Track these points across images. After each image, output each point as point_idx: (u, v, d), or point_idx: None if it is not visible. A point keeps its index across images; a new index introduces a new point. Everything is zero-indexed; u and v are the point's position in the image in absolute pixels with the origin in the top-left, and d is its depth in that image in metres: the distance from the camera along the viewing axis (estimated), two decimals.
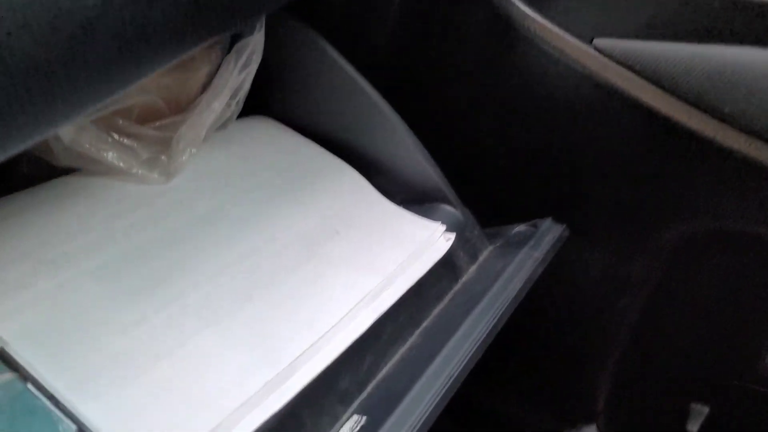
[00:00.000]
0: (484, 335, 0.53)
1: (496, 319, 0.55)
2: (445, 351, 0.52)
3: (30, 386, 0.37)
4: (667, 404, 0.84)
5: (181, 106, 0.57)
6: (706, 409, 0.82)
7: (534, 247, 0.60)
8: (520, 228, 0.65)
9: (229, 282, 0.49)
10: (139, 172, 0.53)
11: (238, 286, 0.49)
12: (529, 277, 0.57)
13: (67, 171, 0.55)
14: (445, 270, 0.59)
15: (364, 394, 0.50)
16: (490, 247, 0.63)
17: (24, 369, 0.37)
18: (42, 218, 0.49)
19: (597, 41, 0.61)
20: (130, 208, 0.52)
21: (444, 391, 0.49)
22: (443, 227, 0.59)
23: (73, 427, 0.37)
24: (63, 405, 0.37)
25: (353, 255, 0.55)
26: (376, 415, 0.48)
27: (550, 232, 0.62)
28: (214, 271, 0.50)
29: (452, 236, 0.58)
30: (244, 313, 0.48)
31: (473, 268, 0.61)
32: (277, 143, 0.64)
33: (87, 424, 0.37)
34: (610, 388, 0.85)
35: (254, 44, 0.58)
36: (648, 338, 0.78)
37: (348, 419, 0.48)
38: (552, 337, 0.81)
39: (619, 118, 0.62)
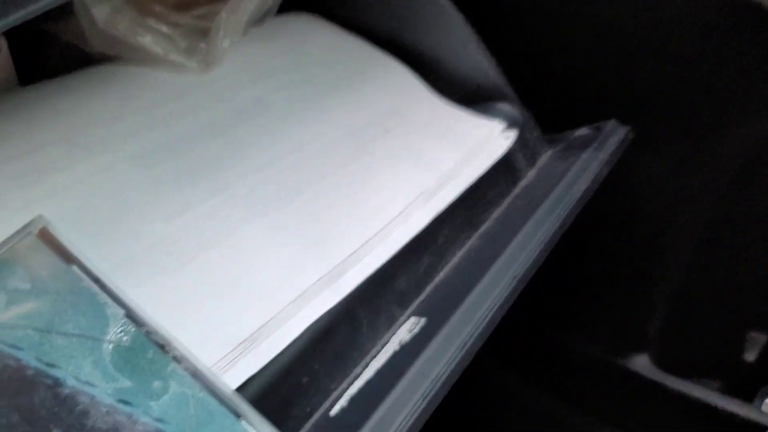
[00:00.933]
0: (548, 238, 0.50)
1: (560, 222, 0.51)
2: (506, 253, 0.48)
3: (75, 268, 0.34)
4: (723, 333, 0.80)
5: None
6: (764, 338, 0.78)
7: (598, 148, 0.56)
8: (582, 131, 0.60)
9: (276, 175, 0.46)
10: (178, 59, 0.49)
11: (286, 180, 0.46)
12: (594, 179, 0.53)
13: (100, 61, 0.51)
14: (503, 172, 0.55)
15: (422, 297, 0.46)
16: (550, 151, 0.59)
17: (67, 250, 0.34)
18: (75, 105, 0.45)
19: None
20: (168, 97, 0.48)
21: (508, 293, 0.46)
22: (502, 125, 0.54)
23: (121, 311, 0.34)
24: (109, 289, 0.34)
25: (406, 153, 0.51)
26: (435, 317, 0.45)
27: (614, 134, 0.57)
28: (260, 163, 0.46)
29: (512, 134, 0.54)
30: (294, 207, 0.44)
31: (532, 172, 0.57)
32: (321, 38, 0.60)
33: (135, 309, 0.34)
34: (664, 314, 0.81)
35: None
36: (708, 260, 0.74)
37: (406, 321, 0.45)
38: (607, 258, 0.77)
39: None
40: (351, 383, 0.41)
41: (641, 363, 0.83)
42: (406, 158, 0.50)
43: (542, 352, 0.89)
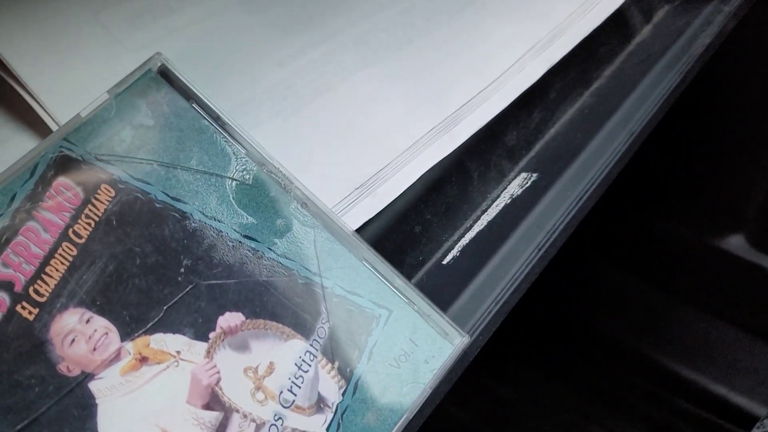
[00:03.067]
0: (665, 97, 0.47)
1: (678, 80, 0.48)
2: (621, 111, 0.46)
3: (195, 106, 0.34)
4: None
5: None
6: None
7: (723, 1, 0.52)
8: None
9: (386, 23, 0.44)
10: None
11: (396, 29, 0.44)
12: (718, 33, 0.49)
13: None
14: (616, 28, 0.52)
15: (533, 152, 0.45)
16: (667, 6, 0.55)
17: (188, 87, 0.34)
18: None
19: None
20: None
21: (623, 150, 0.44)
22: None
23: (242, 149, 0.34)
24: (230, 126, 0.34)
25: (517, 3, 0.49)
26: (547, 173, 0.43)
27: None
28: (369, 10, 0.44)
29: None
30: (405, 56, 0.43)
31: (647, 28, 0.53)
32: None
33: (257, 147, 0.34)
34: (763, 194, 0.77)
35: None
36: None
37: (516, 176, 0.44)
38: (711, 129, 0.74)
39: None
40: (462, 235, 0.41)
41: (736, 243, 0.81)
42: (518, 9, 0.48)
43: (634, 236, 0.87)
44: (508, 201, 0.42)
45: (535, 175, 0.43)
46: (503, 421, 0.90)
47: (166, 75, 0.34)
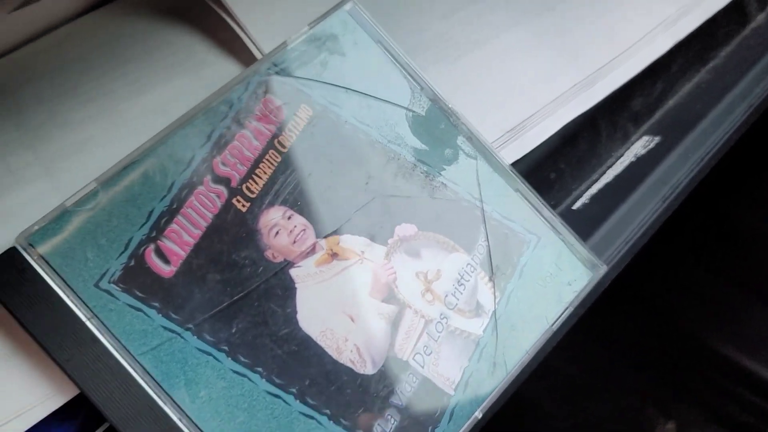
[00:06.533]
0: None
1: None
2: (740, 86, 0.50)
3: (379, 44, 0.39)
4: None
5: None
6: None
7: None
8: None
9: None
10: None
11: None
12: None
13: None
14: (734, 13, 0.55)
15: (654, 118, 0.49)
16: None
17: (373, 27, 0.38)
18: None
19: None
20: None
21: (742, 120, 0.47)
22: None
23: (418, 86, 0.38)
24: (409, 66, 0.38)
25: None
26: (669, 137, 0.47)
27: None
28: None
29: None
30: (548, 18, 0.47)
31: (762, 16, 0.56)
32: None
33: (430, 85, 0.38)
34: None
35: None
36: None
37: (639, 138, 0.47)
38: None
39: None
40: (591, 185, 0.45)
41: None
42: None
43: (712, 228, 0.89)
44: (633, 159, 0.46)
45: (657, 138, 0.47)
46: (567, 398, 0.94)
47: (356, 16, 0.38)
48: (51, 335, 0.30)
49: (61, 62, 0.38)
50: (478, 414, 0.34)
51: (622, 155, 0.47)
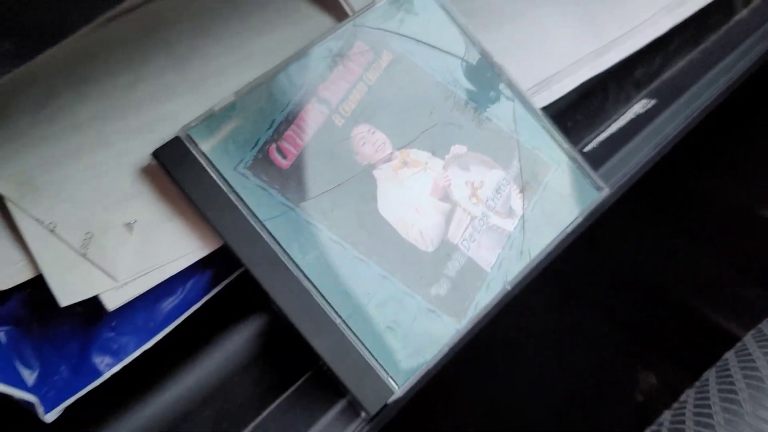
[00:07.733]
0: (758, 57, 0.62)
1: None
2: (723, 63, 0.61)
3: (441, 7, 0.50)
4: None
5: None
6: None
7: None
8: None
9: None
10: None
11: None
12: None
13: None
14: (723, 5, 0.67)
15: (653, 85, 0.60)
16: None
17: None
18: None
19: None
20: None
21: (723, 89, 0.59)
22: None
23: (470, 41, 0.50)
24: (464, 25, 0.50)
25: None
26: (663, 100, 0.59)
27: None
28: None
29: None
30: None
31: (746, 11, 0.68)
32: None
33: (485, 47, 0.50)
34: None
35: None
36: None
37: (639, 100, 0.59)
38: None
39: None
40: (599, 134, 0.56)
41: None
42: None
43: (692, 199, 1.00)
44: (633, 116, 0.58)
45: (654, 101, 0.59)
46: (549, 348, 1.03)
47: None
48: (204, 201, 0.41)
49: (198, 10, 0.49)
50: (508, 286, 0.46)
51: (624, 112, 0.58)
